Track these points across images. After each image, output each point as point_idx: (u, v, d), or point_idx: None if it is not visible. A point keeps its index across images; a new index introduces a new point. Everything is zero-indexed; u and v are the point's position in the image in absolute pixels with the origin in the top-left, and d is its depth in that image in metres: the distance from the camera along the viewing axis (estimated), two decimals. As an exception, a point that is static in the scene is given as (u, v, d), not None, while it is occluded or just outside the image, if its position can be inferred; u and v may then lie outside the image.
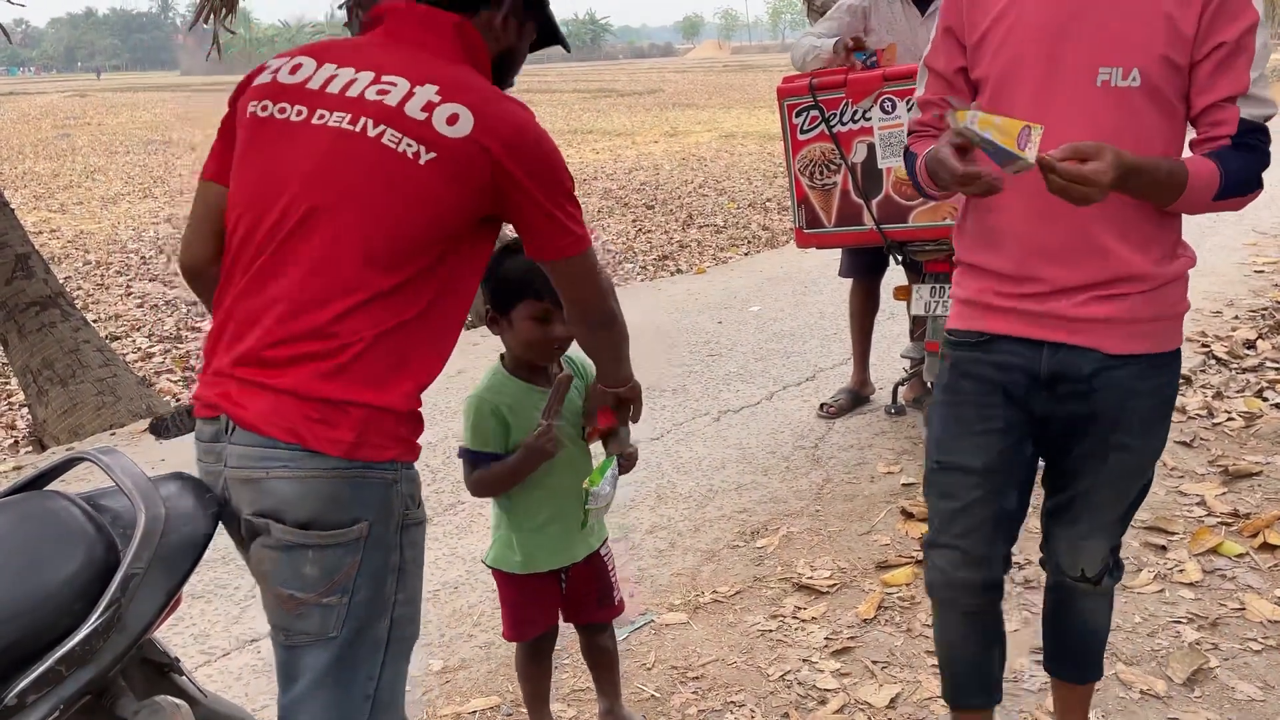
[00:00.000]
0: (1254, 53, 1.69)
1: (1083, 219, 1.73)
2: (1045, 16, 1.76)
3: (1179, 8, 1.69)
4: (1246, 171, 1.72)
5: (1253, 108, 1.71)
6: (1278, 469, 3.60)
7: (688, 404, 4.71)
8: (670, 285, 7.63)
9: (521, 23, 1.79)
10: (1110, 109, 1.72)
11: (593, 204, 12.81)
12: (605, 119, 26.06)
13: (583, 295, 1.74)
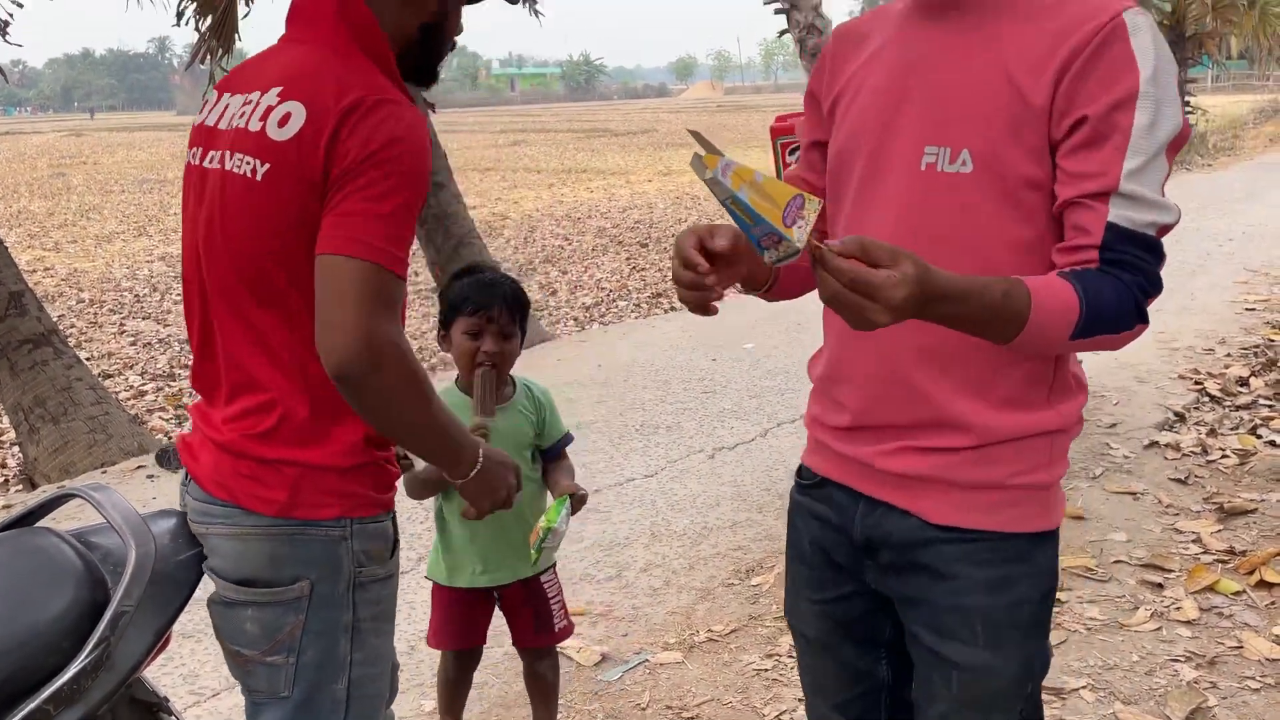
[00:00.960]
0: (1130, 132, 1.23)
1: (890, 336, 1.26)
2: (887, 80, 1.40)
3: (1028, 73, 1.27)
4: (1118, 302, 1.23)
5: (1129, 209, 1.23)
6: (1273, 506, 3.60)
7: (682, 441, 4.70)
8: (664, 323, 7.65)
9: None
10: (934, 200, 1.32)
11: (587, 242, 12.88)
12: (600, 158, 26.25)
13: (332, 317, 1.35)
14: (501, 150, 30.70)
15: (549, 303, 9.94)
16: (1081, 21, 1.26)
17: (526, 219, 15.54)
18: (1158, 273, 1.27)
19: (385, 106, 1.39)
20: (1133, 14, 1.25)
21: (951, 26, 1.35)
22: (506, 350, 2.18)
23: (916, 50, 1.38)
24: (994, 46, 1.31)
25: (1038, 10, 1.31)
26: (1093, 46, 1.24)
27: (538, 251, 12.65)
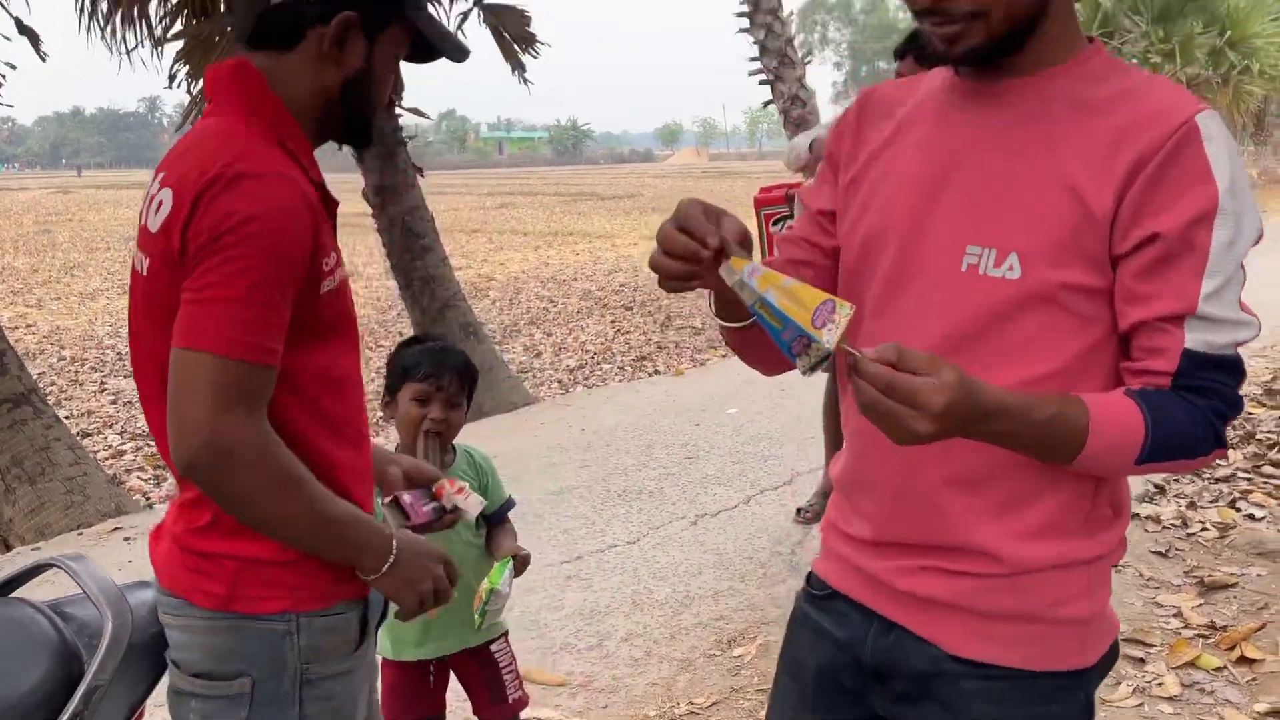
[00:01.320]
0: (1209, 252, 1.12)
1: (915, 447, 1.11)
2: (921, 168, 1.27)
3: (1089, 175, 1.15)
4: (1192, 427, 1.14)
5: (1207, 333, 1.14)
6: (1252, 580, 3.61)
7: (664, 507, 4.69)
8: (648, 387, 7.66)
9: (372, 38, 1.46)
10: (976, 306, 1.19)
11: (572, 304, 12.95)
12: (585, 221, 26.47)
13: (178, 415, 1.30)
14: (489, 212, 30.94)
15: (533, 365, 9.96)
16: (1149, 122, 1.14)
17: (512, 281, 15.63)
18: (1237, 395, 1.17)
19: (245, 181, 1.32)
20: (1205, 118, 1.14)
21: (997, 114, 1.24)
22: (453, 419, 2.19)
23: (957, 137, 1.26)
24: (1046, 140, 1.19)
25: (1095, 102, 1.20)
26: (1164, 154, 1.12)
27: (523, 313, 12.71)
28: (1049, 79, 1.22)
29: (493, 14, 7.21)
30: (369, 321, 12.11)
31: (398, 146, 6.97)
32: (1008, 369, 1.18)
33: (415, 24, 1.49)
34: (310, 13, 1.41)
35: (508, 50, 7.36)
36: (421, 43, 1.52)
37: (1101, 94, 1.20)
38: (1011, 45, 1.19)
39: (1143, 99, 1.17)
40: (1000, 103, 1.24)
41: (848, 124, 1.40)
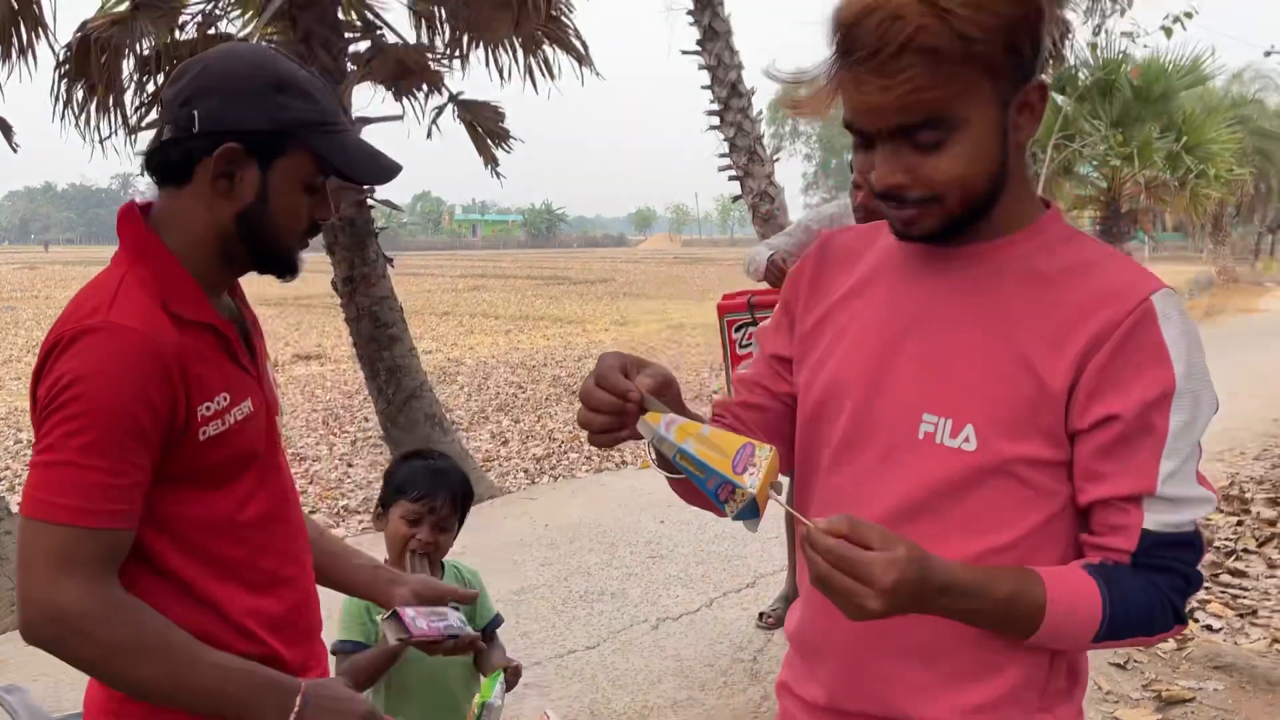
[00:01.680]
0: (1167, 434, 1.14)
1: None
2: (879, 329, 1.28)
3: (1045, 350, 1.17)
4: (1150, 606, 1.16)
5: (1166, 513, 1.15)
6: (1209, 695, 3.62)
7: (626, 610, 4.65)
8: (615, 479, 7.65)
9: (266, 166, 1.42)
10: (934, 475, 1.20)
11: (541, 390, 12.94)
12: (557, 306, 26.62)
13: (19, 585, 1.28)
14: (460, 295, 31.06)
15: (500, 453, 9.91)
16: (1106, 300, 1.16)
17: (481, 365, 15.62)
18: (1197, 571, 1.18)
19: (85, 338, 1.31)
20: (1162, 297, 1.16)
21: (954, 280, 1.25)
22: (442, 542, 2.20)
23: (915, 301, 1.27)
24: (1003, 312, 1.21)
25: (1050, 273, 1.21)
26: (1120, 333, 1.15)
27: (491, 399, 12.68)
28: (1004, 247, 1.24)
29: (467, 109, 7.35)
30: (334, 406, 12.04)
31: (369, 237, 7.02)
32: (964, 539, 1.19)
33: (318, 150, 1.43)
34: (197, 146, 1.39)
35: (481, 144, 7.49)
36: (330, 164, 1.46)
37: (1057, 265, 1.22)
38: (967, 224, 1.22)
39: (1100, 275, 1.19)
40: (957, 269, 1.25)
41: (804, 270, 1.42)
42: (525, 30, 7.05)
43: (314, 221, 1.50)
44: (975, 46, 1.10)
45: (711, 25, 12.12)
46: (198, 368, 1.38)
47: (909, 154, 1.16)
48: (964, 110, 1.13)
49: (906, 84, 1.10)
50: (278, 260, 1.50)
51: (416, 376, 7.19)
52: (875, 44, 1.09)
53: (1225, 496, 6.23)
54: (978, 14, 1.09)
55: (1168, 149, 17.35)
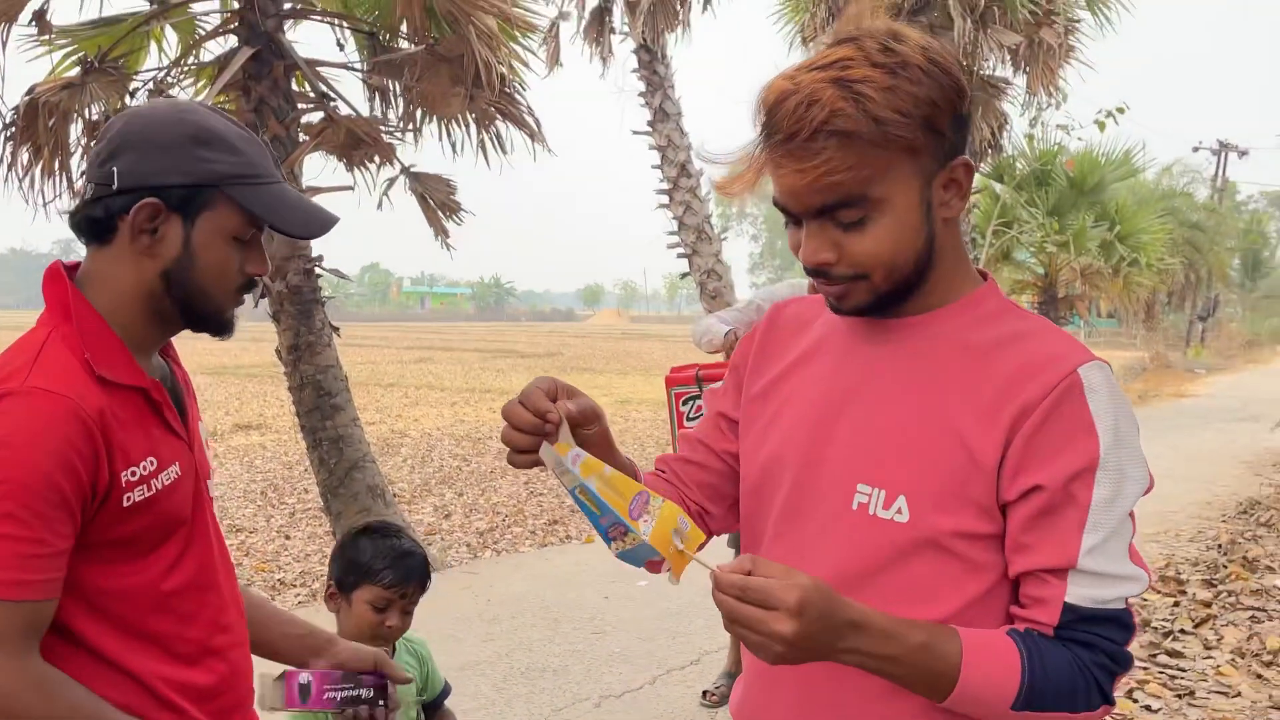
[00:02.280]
0: (1089, 507, 1.14)
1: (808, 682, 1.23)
2: (819, 399, 1.30)
3: (975, 424, 1.18)
4: (1070, 678, 1.14)
5: (1090, 587, 1.14)
6: (1151, 776, 3.62)
7: (568, 687, 4.57)
8: (559, 554, 7.56)
9: (190, 220, 1.39)
10: (867, 545, 1.21)
11: (486, 464, 12.81)
12: (504, 379, 26.50)
13: None
14: (406, 366, 30.83)
15: (443, 526, 9.75)
16: (1035, 372, 1.18)
17: (426, 437, 15.44)
18: (1125, 651, 1.17)
19: (3, 402, 1.28)
20: (1089, 369, 1.17)
21: (890, 352, 1.27)
22: (406, 625, 2.11)
23: (854, 372, 1.29)
24: (936, 384, 1.22)
25: (983, 346, 1.23)
26: (1047, 404, 1.15)
27: (434, 472, 12.51)
28: (939, 319, 1.26)
29: (419, 181, 7.38)
30: (274, 477, 11.81)
31: (315, 305, 6.98)
32: (902, 611, 1.18)
33: (242, 203, 1.40)
34: (117, 204, 1.37)
35: (432, 216, 7.51)
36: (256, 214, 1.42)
37: (990, 337, 1.24)
38: (899, 298, 1.24)
39: (1031, 347, 1.21)
40: (893, 341, 1.28)
41: (755, 339, 1.45)
42: (478, 106, 7.14)
43: (249, 277, 1.46)
44: (891, 129, 1.12)
45: (662, 107, 12.39)
46: (122, 433, 1.34)
47: (834, 231, 1.19)
48: (883, 190, 1.16)
49: (821, 167, 1.13)
50: (209, 318, 1.46)
51: (359, 447, 7.09)
52: (791, 128, 1.13)
53: (1161, 578, 6.31)
54: (892, 98, 1.12)
55: (1101, 237, 17.91)
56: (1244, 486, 9.65)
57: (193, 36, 7.35)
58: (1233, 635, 5.21)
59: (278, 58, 6.83)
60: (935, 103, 1.15)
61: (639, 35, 11.70)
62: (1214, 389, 21.96)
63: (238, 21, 6.90)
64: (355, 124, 7.02)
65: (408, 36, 7.13)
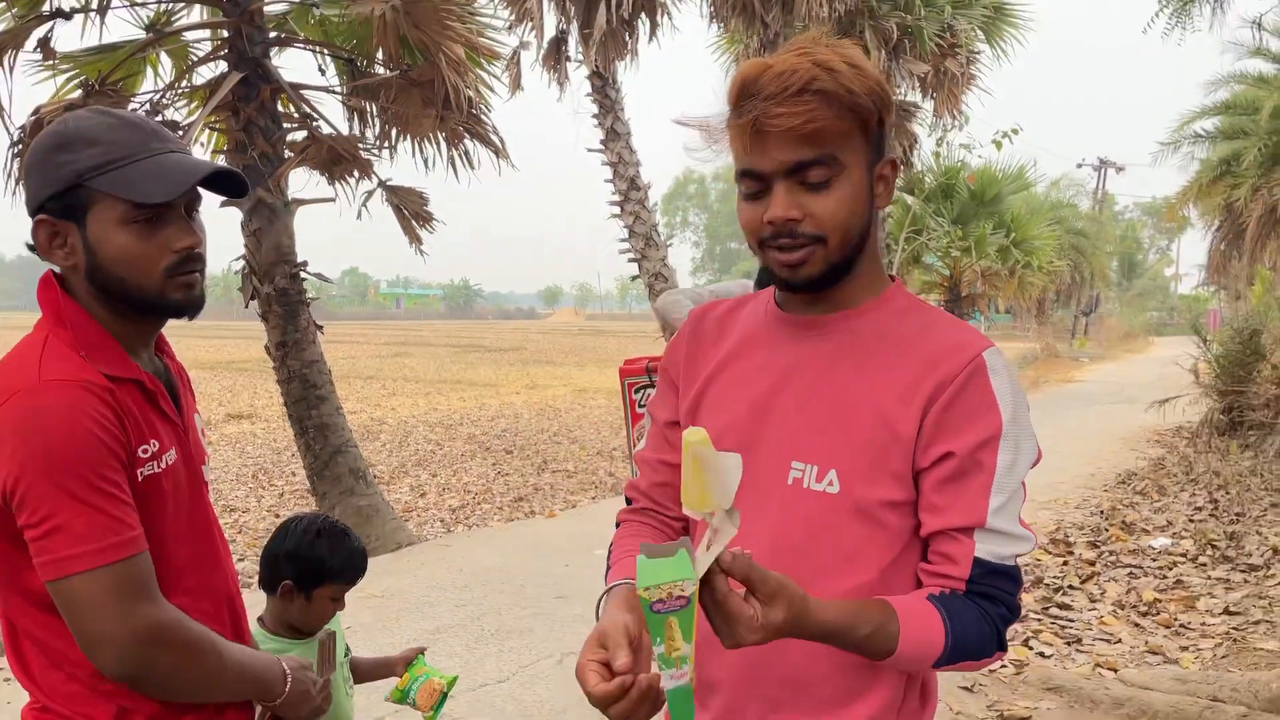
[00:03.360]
0: (995, 471, 1.18)
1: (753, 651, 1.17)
2: (754, 388, 1.30)
3: (898, 402, 1.20)
4: (980, 634, 1.18)
5: (994, 544, 1.18)
6: (1043, 714, 3.70)
7: (534, 645, 4.55)
8: (524, 528, 7.53)
9: (81, 224, 1.32)
10: (801, 516, 1.22)
11: (457, 447, 12.72)
12: (473, 371, 26.32)
13: (93, 631, 1.23)
14: (384, 360, 30.49)
15: (419, 504, 9.67)
16: (946, 355, 1.21)
17: (402, 424, 15.30)
18: (1018, 602, 1.22)
19: (20, 400, 1.24)
20: (992, 354, 1.22)
21: (818, 344, 1.28)
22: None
23: (785, 362, 1.29)
24: (861, 371, 1.24)
25: (900, 336, 1.26)
26: (957, 384, 1.19)
27: (411, 455, 12.41)
28: (860, 314, 1.28)
29: (394, 193, 7.29)
30: (264, 462, 11.64)
31: (301, 306, 6.87)
32: (835, 578, 1.22)
33: (105, 190, 1.30)
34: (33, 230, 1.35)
35: (406, 225, 7.42)
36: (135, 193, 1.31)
37: (906, 327, 1.27)
38: (839, 275, 1.25)
39: (941, 335, 1.25)
40: (820, 335, 1.29)
41: (680, 343, 1.43)
42: (448, 126, 7.07)
43: (179, 253, 1.35)
44: (857, 99, 1.17)
45: (613, 127, 12.35)
46: (132, 413, 1.32)
47: (801, 193, 1.19)
48: (846, 155, 1.19)
49: (809, 111, 1.15)
50: (149, 304, 1.36)
51: (342, 434, 7.01)
52: (779, 87, 1.16)
53: (1052, 540, 6.44)
54: (857, 80, 1.17)
55: (999, 243, 18.22)
56: (1122, 460, 9.88)
57: (186, 62, 7.20)
58: (1114, 589, 5.33)
59: (264, 81, 6.70)
60: (880, 98, 1.20)
61: (592, 63, 11.65)
62: (1096, 375, 22.43)
63: (228, 48, 6.76)
64: (336, 142, 6.92)
65: (383, 63, 7.04)
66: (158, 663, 1.27)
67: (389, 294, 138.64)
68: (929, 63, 12.13)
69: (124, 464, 1.29)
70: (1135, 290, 54.17)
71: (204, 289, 1.42)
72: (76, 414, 1.24)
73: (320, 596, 2.03)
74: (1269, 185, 16.55)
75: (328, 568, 2.03)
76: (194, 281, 1.38)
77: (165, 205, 1.33)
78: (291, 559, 2.03)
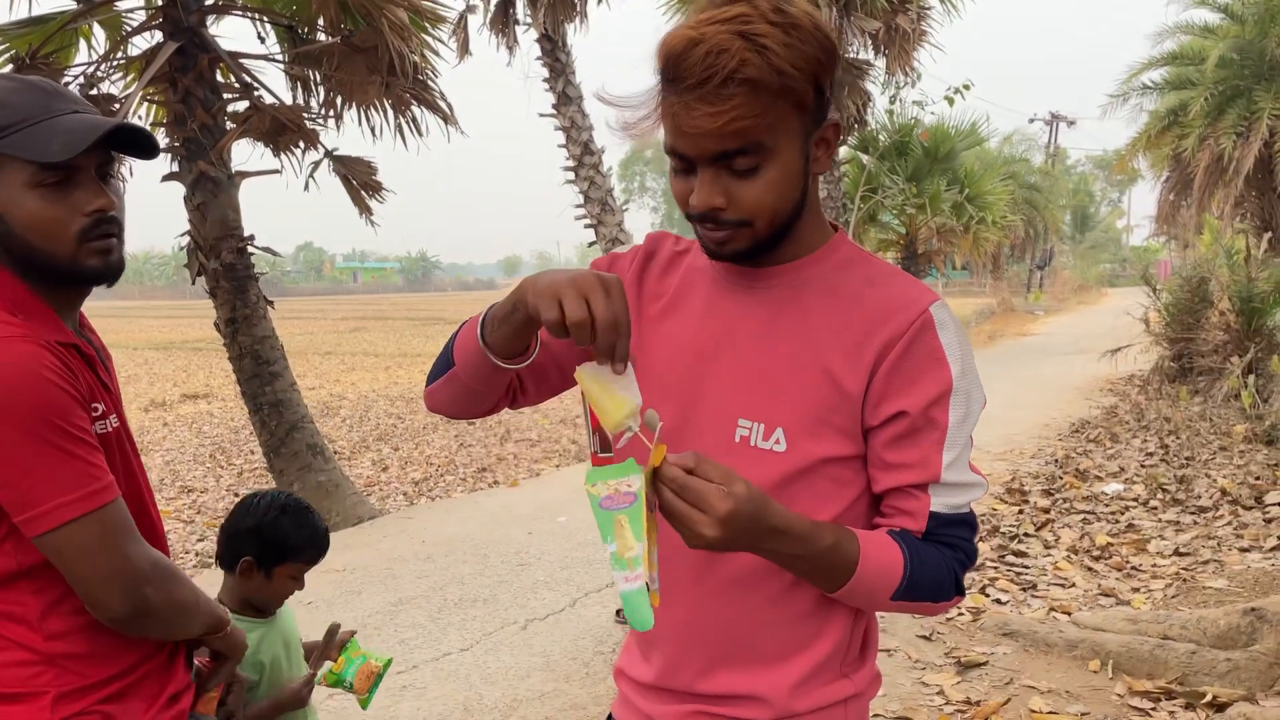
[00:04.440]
0: (947, 428, 1.18)
1: (700, 600, 1.23)
2: (694, 341, 1.27)
3: (844, 360, 1.19)
4: (939, 573, 1.19)
5: (948, 496, 1.19)
6: (999, 658, 3.78)
7: (498, 613, 4.56)
8: (487, 498, 7.51)
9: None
10: (751, 476, 1.12)
11: (418, 421, 12.65)
12: (434, 344, 26.10)
13: (91, 574, 1.26)
14: (342, 336, 30.15)
15: (381, 478, 9.62)
16: (892, 312, 1.19)
17: (362, 399, 15.16)
18: (974, 546, 1.23)
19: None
20: (938, 308, 1.20)
21: (761, 298, 1.25)
22: None
23: (726, 318, 1.26)
24: (805, 325, 1.22)
25: (844, 290, 1.23)
26: (905, 340, 1.17)
27: (372, 430, 12.31)
28: (803, 267, 1.25)
29: (342, 164, 7.16)
30: (221, 441, 11.49)
31: (249, 281, 6.75)
32: None
33: (8, 152, 1.27)
34: None
35: (356, 196, 7.30)
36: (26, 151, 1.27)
37: (850, 282, 1.24)
38: (773, 245, 1.22)
39: (886, 290, 1.22)
40: (762, 289, 1.26)
41: (635, 260, 1.36)
42: (394, 93, 6.94)
43: (93, 216, 1.31)
44: (789, 81, 1.10)
45: (565, 91, 12.23)
46: (80, 372, 1.32)
47: (727, 179, 1.15)
48: (775, 140, 1.13)
49: (731, 111, 1.09)
50: (64, 270, 1.32)
51: (297, 410, 6.92)
52: (703, 73, 1.08)
53: (1008, 490, 6.56)
54: (791, 52, 1.10)
55: (953, 200, 18.34)
56: (1076, 410, 10.06)
57: (120, 33, 6.97)
58: (1068, 535, 5.45)
59: (202, 51, 6.52)
60: (820, 62, 1.13)
61: (540, 25, 11.48)
62: (1051, 328, 22.78)
63: (162, 18, 6.56)
64: (279, 111, 6.76)
65: (324, 29, 6.87)
66: (156, 597, 1.31)
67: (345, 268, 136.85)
68: (880, 19, 12.09)
69: (86, 414, 1.29)
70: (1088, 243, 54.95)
71: (122, 255, 1.38)
72: (35, 365, 1.23)
73: (280, 575, 2.00)
74: (1215, 135, 16.79)
75: (290, 545, 2.00)
76: (110, 247, 1.34)
77: (73, 167, 1.29)
78: (253, 535, 1.99)
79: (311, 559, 2.03)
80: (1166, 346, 10.61)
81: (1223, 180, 17.15)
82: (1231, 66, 16.82)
